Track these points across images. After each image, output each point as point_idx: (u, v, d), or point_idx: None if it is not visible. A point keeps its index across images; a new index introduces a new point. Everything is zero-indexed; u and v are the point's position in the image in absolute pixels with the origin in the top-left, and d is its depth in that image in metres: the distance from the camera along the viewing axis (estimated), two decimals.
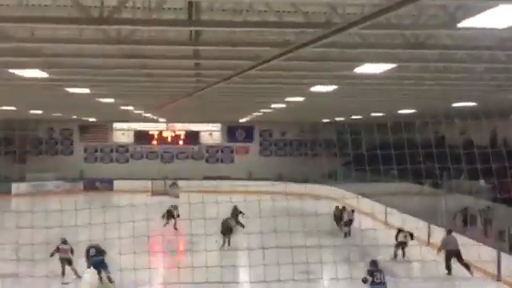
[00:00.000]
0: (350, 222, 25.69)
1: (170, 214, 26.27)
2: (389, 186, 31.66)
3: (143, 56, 12.05)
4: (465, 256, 18.23)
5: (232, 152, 49.66)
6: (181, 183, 40.58)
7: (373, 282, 14.60)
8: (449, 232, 19.57)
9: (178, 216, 25.33)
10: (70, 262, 17.83)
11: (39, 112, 32.93)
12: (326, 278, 17.28)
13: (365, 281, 14.43)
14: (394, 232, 21.38)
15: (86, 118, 44.92)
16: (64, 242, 18.05)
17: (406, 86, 17.28)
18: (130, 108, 29.30)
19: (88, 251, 17.50)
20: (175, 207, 26.52)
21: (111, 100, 22.82)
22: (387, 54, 11.72)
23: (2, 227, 16.75)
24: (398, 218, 23.71)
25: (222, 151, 49.65)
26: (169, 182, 41.21)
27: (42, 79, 14.64)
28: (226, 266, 14.19)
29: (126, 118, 41.53)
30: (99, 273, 16.81)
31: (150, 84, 16.92)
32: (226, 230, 21.44)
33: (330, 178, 41.31)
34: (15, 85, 16.92)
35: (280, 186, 31.71)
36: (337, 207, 27.32)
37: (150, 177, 42.22)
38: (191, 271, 13.45)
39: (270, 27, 9.28)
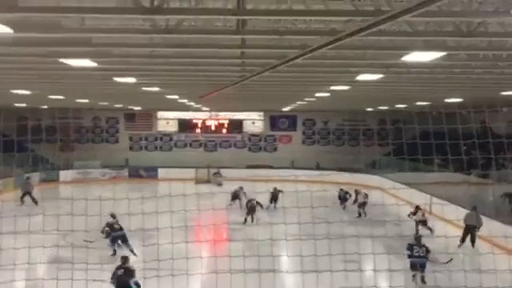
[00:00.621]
0: (365, 203, 27.61)
1: (235, 196, 28.06)
2: (432, 176, 31.32)
3: (189, 45, 12.11)
4: None
5: (275, 141, 49.71)
6: (224, 172, 40.93)
7: (411, 256, 15.95)
8: (473, 209, 21.25)
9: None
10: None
11: (86, 101, 33.47)
12: (368, 269, 17.18)
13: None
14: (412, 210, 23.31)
15: (131, 107, 45.52)
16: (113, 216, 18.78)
17: (454, 75, 17.01)
18: (175, 97, 29.56)
19: (108, 227, 19.05)
20: (241, 188, 28.49)
21: (156, 89, 23.05)
22: (436, 42, 11.54)
23: (51, 214, 17.10)
24: (441, 208, 23.36)
25: (264, 140, 49.76)
26: (212, 171, 41.53)
27: (91, 69, 14.88)
28: (264, 255, 14.17)
29: (171, 106, 41.92)
30: (117, 246, 18.60)
31: (196, 73, 17.02)
32: (250, 210, 24.73)
33: (373, 167, 41.03)
34: (65, 74, 17.25)
35: (324, 175, 31.67)
36: (341, 189, 30.17)
37: (194, 165, 42.56)
38: (232, 259, 13.51)
39: (316, 16, 9.24)
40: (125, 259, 14.94)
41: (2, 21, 8.26)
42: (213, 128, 49.58)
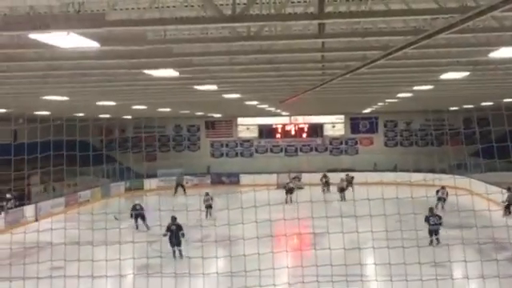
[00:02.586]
0: (344, 189, 34.92)
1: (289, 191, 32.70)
2: None
3: (269, 51, 12.12)
4: None
5: (356, 143, 49.17)
6: (304, 176, 40.84)
7: (429, 225, 20.93)
8: (508, 189, 27.30)
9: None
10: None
11: (167, 110, 34.16)
12: (457, 274, 16.66)
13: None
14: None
15: (212, 114, 46.11)
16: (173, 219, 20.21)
17: None
18: (255, 103, 29.72)
19: (133, 206, 26.25)
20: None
21: (237, 96, 23.24)
22: None
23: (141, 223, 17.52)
24: None
25: (345, 143, 49.30)
26: (291, 175, 41.48)
27: (173, 78, 15.15)
28: (351, 263, 13.93)
29: (250, 112, 42.19)
30: (136, 221, 25.51)
31: (276, 79, 17.05)
32: (288, 191, 32.41)
33: (459, 168, 39.82)
34: (148, 85, 17.64)
35: (406, 177, 31.01)
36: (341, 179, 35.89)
37: (275, 170, 42.64)
38: (315, 267, 13.37)
39: (397, 16, 9.03)
40: (174, 219, 19.89)
41: (90, 35, 8.49)
42: (293, 133, 49.53)
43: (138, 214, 25.71)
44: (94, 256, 14.51)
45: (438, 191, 30.20)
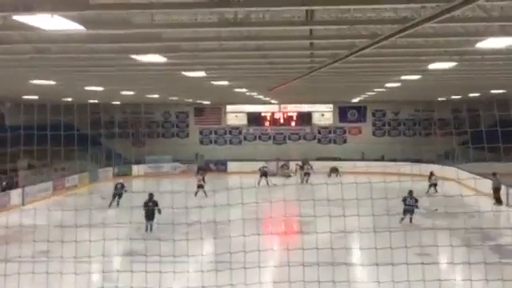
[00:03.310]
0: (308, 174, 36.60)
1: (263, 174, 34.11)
2: (508, 166, 30.30)
3: (258, 38, 12.09)
4: None
5: (344, 133, 49.25)
6: (292, 164, 40.96)
7: (405, 205, 22.28)
8: (493, 174, 27.75)
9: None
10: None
11: (156, 96, 34.06)
12: (443, 262, 16.78)
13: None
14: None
15: (201, 101, 46.02)
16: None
17: None
18: (244, 90, 29.68)
19: (116, 186, 28.52)
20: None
21: (225, 83, 23.20)
22: None
23: (124, 207, 17.50)
24: None
25: (334, 132, 49.38)
26: (280, 163, 41.58)
27: (161, 64, 15.10)
28: (337, 248, 13.99)
29: (239, 100, 42.15)
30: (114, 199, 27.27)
31: (265, 66, 17.02)
32: (262, 174, 34.91)
33: (447, 158, 40.02)
34: (135, 70, 17.57)
35: (393, 166, 31.20)
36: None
37: (263, 158, 42.71)
38: (302, 252, 13.41)
39: (386, 3, 9.03)
40: (151, 195, 21.50)
41: (75, 18, 8.44)
42: (281, 121, 49.54)
43: (117, 193, 27.90)
44: (81, 239, 14.52)
45: (429, 177, 31.73)
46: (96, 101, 38.19)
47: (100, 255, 13.99)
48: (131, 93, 29.49)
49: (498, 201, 27.01)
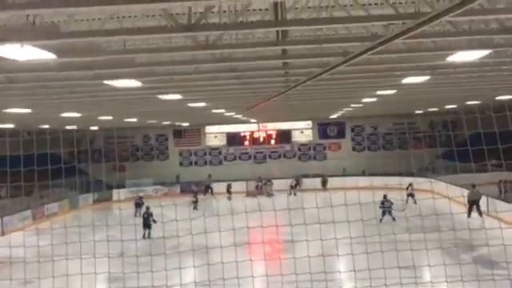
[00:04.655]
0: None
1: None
2: (486, 176, 30.62)
3: (232, 59, 12.14)
4: None
5: (324, 149, 49.41)
6: (274, 182, 40.99)
7: (383, 207, 25.80)
8: (473, 186, 26.83)
9: None
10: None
11: (134, 120, 33.96)
12: (425, 275, 16.80)
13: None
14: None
15: (180, 123, 45.98)
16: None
17: (503, 72, 16.58)
18: (222, 111, 29.70)
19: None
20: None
21: (203, 104, 23.20)
22: (481, 41, 11.27)
23: (103, 234, 17.33)
24: (497, 207, 22.85)
25: (314, 149, 49.50)
26: (262, 182, 41.59)
27: (136, 88, 15.06)
28: (316, 271, 13.97)
29: (218, 120, 42.16)
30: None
31: (240, 86, 17.06)
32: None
33: (425, 170, 40.32)
34: (111, 95, 17.52)
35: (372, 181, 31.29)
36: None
37: (244, 177, 42.67)
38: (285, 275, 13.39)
39: (356, 22, 9.12)
40: (148, 207, 25.60)
41: (45, 47, 8.40)
42: (261, 140, 49.60)
43: (138, 202, 31.70)
44: (62, 269, 14.34)
45: (407, 188, 32.45)
46: (74, 127, 37.95)
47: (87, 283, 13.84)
48: (109, 118, 29.38)
49: (479, 213, 26.03)
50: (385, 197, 26.76)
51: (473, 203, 25.98)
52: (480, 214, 25.88)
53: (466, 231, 20.74)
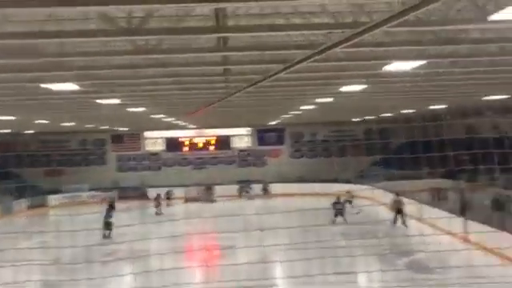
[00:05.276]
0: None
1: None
2: (420, 183, 31.39)
3: (172, 64, 12.09)
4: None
5: (263, 155, 49.63)
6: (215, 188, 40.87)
7: (335, 209, 26.49)
8: (396, 195, 27.09)
9: None
10: None
11: (72, 124, 33.32)
12: (362, 281, 17.10)
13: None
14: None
15: (118, 128, 45.38)
16: None
17: (436, 82, 17.08)
18: (161, 116, 29.48)
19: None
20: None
21: (142, 109, 22.99)
22: (416, 51, 11.60)
23: (39, 237, 16.95)
24: (431, 214, 23.47)
25: (253, 155, 49.68)
26: (202, 188, 41.36)
27: (74, 92, 14.80)
28: (257, 278, 14.04)
29: (157, 126, 41.81)
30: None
31: (180, 92, 16.99)
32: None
33: (362, 177, 41.04)
34: (47, 98, 17.15)
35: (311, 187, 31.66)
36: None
37: (183, 183, 42.40)
38: (225, 280, 13.40)
39: (296, 30, 9.25)
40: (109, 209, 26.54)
41: None
42: (200, 145, 49.41)
43: (111, 204, 30.27)
44: None
45: (344, 194, 31.57)
46: (9, 130, 36.95)
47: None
48: (45, 121, 28.73)
49: (402, 221, 25.90)
50: (338, 198, 27.71)
51: (397, 212, 26.17)
52: (404, 222, 25.87)
53: (402, 237, 21.36)
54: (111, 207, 29.65)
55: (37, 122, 28.54)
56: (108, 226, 24.99)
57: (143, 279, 14.10)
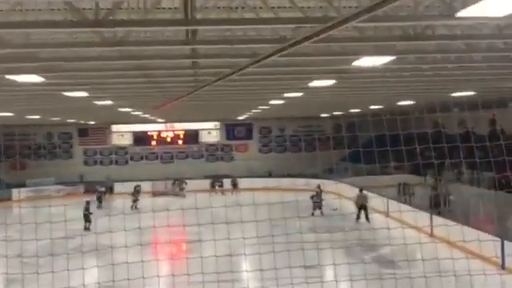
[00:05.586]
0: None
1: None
2: (388, 179, 31.70)
3: (140, 57, 11.97)
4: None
5: (232, 150, 49.63)
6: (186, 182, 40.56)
7: (314, 202, 28.21)
8: (360, 190, 27.21)
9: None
10: None
11: (37, 117, 32.83)
12: (328, 275, 17.19)
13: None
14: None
15: (85, 121, 44.90)
16: None
17: (404, 78, 17.23)
18: (128, 110, 29.23)
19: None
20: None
21: (109, 102, 22.74)
22: (385, 47, 11.66)
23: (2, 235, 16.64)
24: (397, 210, 23.69)
25: (221, 149, 49.63)
26: (170, 182, 41.01)
27: (39, 84, 14.57)
28: (223, 271, 14.02)
29: (125, 119, 41.51)
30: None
31: (148, 85, 16.85)
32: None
33: (329, 172, 41.29)
34: (12, 90, 16.85)
35: (280, 182, 31.71)
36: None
37: (151, 178, 42.15)
38: (191, 275, 13.34)
39: (265, 24, 9.21)
40: (88, 202, 27.56)
41: None
42: (168, 140, 49.20)
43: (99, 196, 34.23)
44: None
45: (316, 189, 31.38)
46: None
47: None
48: (9, 114, 28.25)
49: (366, 217, 26.46)
50: (317, 192, 29.09)
51: (361, 207, 26.50)
52: (367, 217, 26.35)
53: (369, 231, 21.54)
54: (100, 198, 31.74)
55: (0, 114, 28.04)
56: (87, 218, 26.24)
57: (108, 272, 13.94)
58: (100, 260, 16.24)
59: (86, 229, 25.65)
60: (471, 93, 22.19)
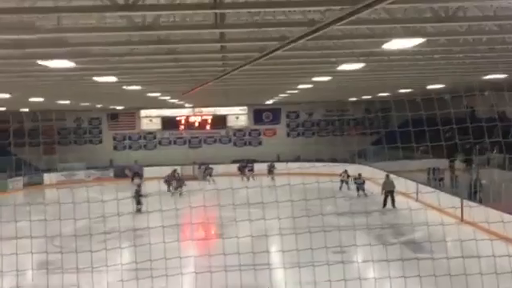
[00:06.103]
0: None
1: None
2: (417, 163, 31.41)
3: (169, 42, 12.00)
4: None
5: (259, 135, 49.62)
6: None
7: (356, 184, 30.22)
8: (387, 176, 27.01)
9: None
10: None
11: (67, 102, 33.18)
12: (360, 259, 17.16)
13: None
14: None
15: (114, 107, 45.24)
16: None
17: (435, 61, 17.01)
18: (157, 94, 29.39)
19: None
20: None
21: (138, 87, 22.88)
22: (415, 29, 11.52)
23: (38, 218, 16.88)
24: (429, 195, 23.45)
25: (249, 134, 49.65)
26: (203, 167, 40.96)
27: (70, 69, 14.71)
28: (258, 251, 14.05)
29: (153, 104, 41.71)
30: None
31: (177, 69, 16.90)
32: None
33: (360, 157, 41.00)
34: (43, 76, 17.06)
35: (308, 166, 31.57)
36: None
37: (179, 162, 42.33)
38: (222, 257, 13.40)
39: (294, 6, 9.16)
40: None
41: None
42: (196, 124, 49.32)
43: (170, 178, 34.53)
44: None
45: (340, 174, 32.32)
46: (3, 108, 36.79)
47: (13, 269, 13.47)
48: (40, 99, 28.61)
49: (392, 203, 25.99)
50: (359, 175, 30.45)
51: (388, 193, 26.08)
52: (393, 204, 25.91)
53: (396, 217, 21.42)
54: (138, 186, 30.78)
55: (32, 99, 28.41)
56: (139, 201, 26.73)
57: (145, 255, 14.10)
58: (133, 243, 16.40)
59: (138, 211, 25.90)
60: (503, 75, 21.83)
